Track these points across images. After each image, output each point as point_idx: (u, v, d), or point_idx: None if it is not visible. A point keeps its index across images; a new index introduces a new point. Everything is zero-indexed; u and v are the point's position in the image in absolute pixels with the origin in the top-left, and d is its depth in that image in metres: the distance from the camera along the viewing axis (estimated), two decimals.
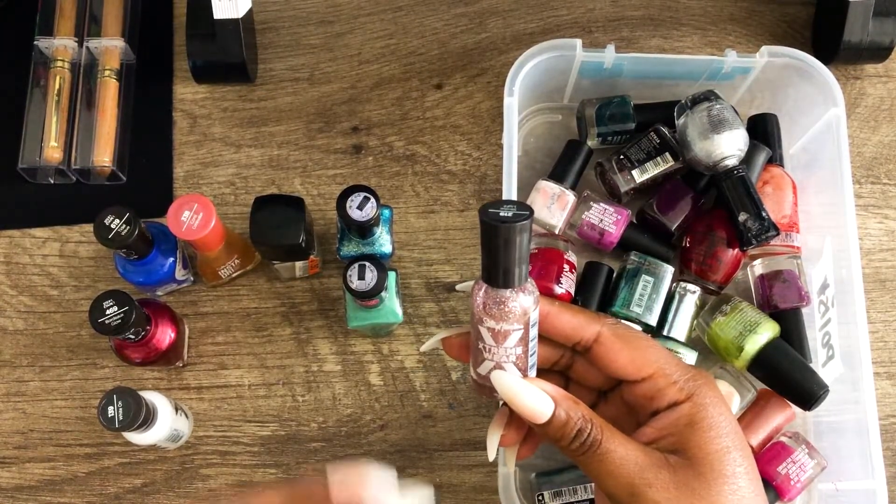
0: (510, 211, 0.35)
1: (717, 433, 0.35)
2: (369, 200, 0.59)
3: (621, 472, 0.34)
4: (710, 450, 0.34)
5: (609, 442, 0.35)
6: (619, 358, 0.38)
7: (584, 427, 0.35)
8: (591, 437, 0.35)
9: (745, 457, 0.35)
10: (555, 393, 0.36)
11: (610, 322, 0.39)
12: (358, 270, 0.60)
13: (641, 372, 0.37)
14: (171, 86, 0.77)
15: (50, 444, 0.68)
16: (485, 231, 0.35)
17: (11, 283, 0.71)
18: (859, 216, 0.74)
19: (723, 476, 0.34)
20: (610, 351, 0.38)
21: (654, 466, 0.34)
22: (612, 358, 0.38)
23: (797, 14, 0.81)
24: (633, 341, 0.38)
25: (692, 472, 0.34)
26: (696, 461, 0.34)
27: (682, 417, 0.35)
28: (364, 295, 0.60)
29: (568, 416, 0.35)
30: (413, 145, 0.75)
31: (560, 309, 0.39)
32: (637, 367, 0.37)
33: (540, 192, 0.68)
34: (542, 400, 0.35)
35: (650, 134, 0.68)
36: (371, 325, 0.64)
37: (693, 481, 0.33)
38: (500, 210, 0.36)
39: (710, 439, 0.34)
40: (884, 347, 0.72)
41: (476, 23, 0.79)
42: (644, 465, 0.34)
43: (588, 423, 0.35)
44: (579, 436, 0.35)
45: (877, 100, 0.78)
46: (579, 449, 0.35)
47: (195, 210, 0.60)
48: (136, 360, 0.63)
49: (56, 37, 0.74)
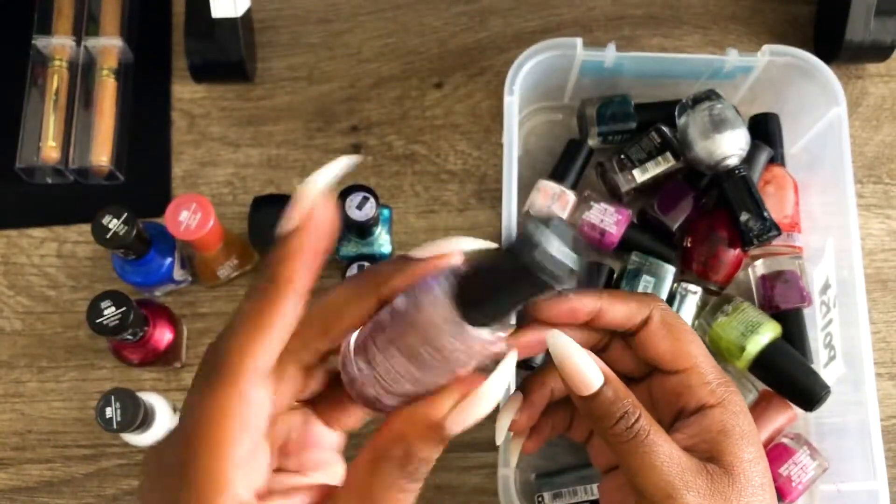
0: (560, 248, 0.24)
1: (748, 443, 0.34)
2: (368, 200, 0.59)
3: (665, 469, 0.33)
4: (744, 459, 0.34)
5: (656, 436, 0.33)
6: (660, 345, 0.36)
7: (631, 412, 0.33)
8: (639, 424, 0.33)
9: (768, 467, 0.35)
10: (607, 371, 0.34)
11: (661, 306, 0.37)
12: (357, 271, 0.60)
13: (678, 363, 0.36)
14: (170, 85, 0.76)
15: (48, 445, 0.68)
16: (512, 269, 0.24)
17: (9, 283, 0.71)
18: (861, 216, 0.74)
19: (753, 486, 0.34)
20: (654, 336, 0.37)
21: (693, 470, 0.33)
22: (655, 343, 0.37)
23: (799, 13, 0.81)
24: (677, 331, 0.37)
25: (727, 480, 0.33)
26: (731, 470, 0.34)
27: (715, 424, 0.35)
28: None
29: (616, 395, 0.34)
30: (412, 145, 0.75)
31: (611, 301, 0.37)
32: (675, 358, 0.36)
33: (540, 191, 0.68)
34: (594, 370, 0.33)
35: (651, 133, 0.68)
36: None
37: (727, 490, 0.33)
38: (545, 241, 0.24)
39: (743, 449, 0.34)
40: (886, 348, 0.72)
41: (476, 21, 0.79)
42: (686, 467, 0.33)
43: (637, 410, 0.34)
44: (625, 419, 0.33)
45: (879, 99, 0.78)
46: (623, 434, 0.33)
47: (193, 210, 0.59)
48: (134, 360, 0.63)
49: (54, 36, 0.74)
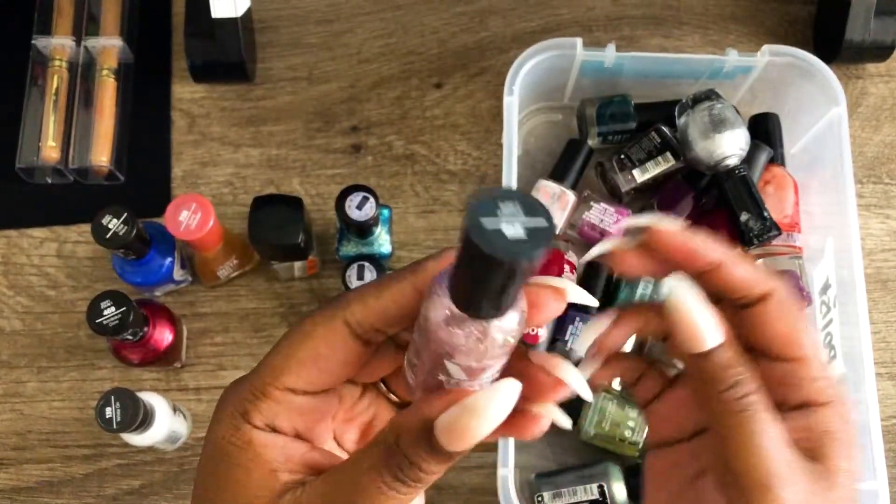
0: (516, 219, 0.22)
1: (851, 452, 0.31)
2: (368, 200, 0.59)
3: (771, 454, 0.29)
4: (845, 469, 0.31)
5: (769, 415, 0.30)
6: (776, 326, 0.31)
7: (748, 380, 0.30)
8: (754, 397, 0.30)
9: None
10: (726, 331, 0.30)
11: (785, 286, 0.33)
12: (357, 271, 0.60)
13: (790, 351, 0.32)
14: (170, 85, 0.76)
15: (47, 445, 0.68)
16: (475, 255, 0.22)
17: (9, 283, 0.71)
18: (861, 216, 0.74)
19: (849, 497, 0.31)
20: (771, 315, 0.31)
21: (798, 466, 0.30)
22: (770, 323, 0.31)
23: (799, 13, 0.81)
24: (795, 316, 0.32)
25: (827, 484, 0.30)
26: (833, 476, 0.31)
27: (821, 424, 0.31)
28: None
29: (732, 360, 0.30)
30: (412, 145, 0.75)
31: (736, 260, 0.31)
32: (788, 344, 0.32)
33: (540, 191, 0.68)
34: (714, 326, 0.30)
35: (651, 133, 0.68)
36: None
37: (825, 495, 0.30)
38: (499, 215, 0.22)
39: (847, 457, 0.31)
40: (886, 348, 0.72)
41: (476, 21, 0.79)
42: (790, 459, 0.30)
43: (754, 381, 0.30)
44: (738, 387, 0.30)
45: (879, 99, 0.78)
46: (734, 404, 0.30)
47: (193, 210, 0.59)
48: (134, 360, 0.63)
49: (54, 36, 0.74)
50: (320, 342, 0.29)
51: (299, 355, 0.29)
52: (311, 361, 0.29)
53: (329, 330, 0.29)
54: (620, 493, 0.62)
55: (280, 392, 0.28)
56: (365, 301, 0.28)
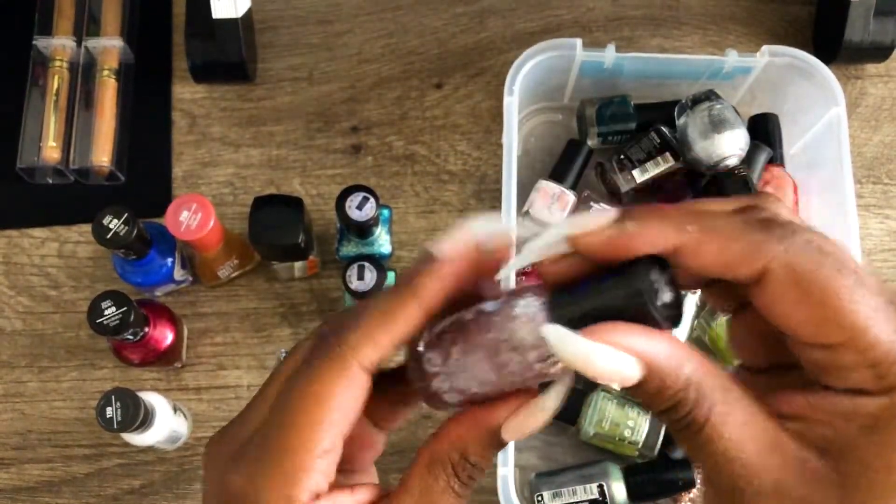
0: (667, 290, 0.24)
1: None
2: (368, 200, 0.59)
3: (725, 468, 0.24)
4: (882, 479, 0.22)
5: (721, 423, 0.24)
6: (793, 314, 0.24)
7: (685, 399, 0.24)
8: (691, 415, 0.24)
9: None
10: (649, 349, 0.24)
11: (794, 247, 0.24)
12: (357, 271, 0.60)
13: (823, 337, 0.24)
14: (170, 85, 0.76)
15: (48, 444, 0.68)
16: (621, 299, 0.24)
17: (10, 283, 0.71)
18: (860, 216, 0.74)
19: None
20: (779, 300, 0.24)
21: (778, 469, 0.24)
22: (782, 311, 0.24)
23: (798, 14, 0.81)
24: (819, 289, 0.23)
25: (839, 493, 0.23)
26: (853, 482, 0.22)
27: (862, 415, 0.23)
28: (363, 296, 0.60)
29: (663, 383, 0.24)
30: (413, 145, 0.75)
31: (701, 238, 0.24)
32: (816, 329, 0.24)
33: (540, 192, 0.68)
34: (624, 363, 0.24)
35: (651, 134, 0.68)
36: None
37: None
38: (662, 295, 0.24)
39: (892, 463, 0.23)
40: None
41: (476, 22, 0.79)
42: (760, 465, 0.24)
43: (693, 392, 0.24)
44: (678, 408, 0.24)
45: (878, 99, 0.78)
46: (675, 424, 0.25)
47: (194, 210, 0.60)
48: (135, 360, 0.63)
49: (55, 36, 0.74)
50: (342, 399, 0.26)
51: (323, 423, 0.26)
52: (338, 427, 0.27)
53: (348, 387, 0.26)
54: (620, 492, 0.62)
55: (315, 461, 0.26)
56: (374, 339, 0.26)
